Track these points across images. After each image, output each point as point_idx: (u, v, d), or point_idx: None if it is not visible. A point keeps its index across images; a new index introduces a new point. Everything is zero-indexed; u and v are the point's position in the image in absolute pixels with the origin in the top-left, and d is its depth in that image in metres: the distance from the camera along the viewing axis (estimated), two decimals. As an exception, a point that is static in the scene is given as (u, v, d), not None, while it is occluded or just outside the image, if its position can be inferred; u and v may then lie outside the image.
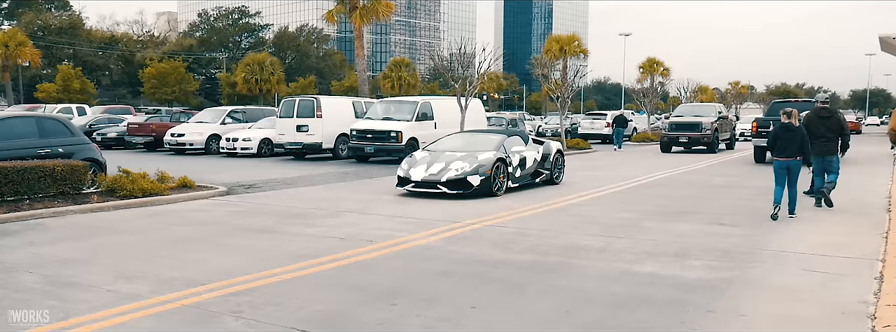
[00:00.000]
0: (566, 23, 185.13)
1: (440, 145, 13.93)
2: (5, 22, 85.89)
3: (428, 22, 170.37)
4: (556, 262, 7.19)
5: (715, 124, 25.68)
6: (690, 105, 30.84)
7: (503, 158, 12.77)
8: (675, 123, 26.24)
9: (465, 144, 13.63)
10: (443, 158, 12.74)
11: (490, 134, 14.18)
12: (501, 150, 13.05)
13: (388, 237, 8.53)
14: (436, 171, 12.41)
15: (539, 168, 14.19)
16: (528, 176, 13.73)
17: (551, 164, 14.43)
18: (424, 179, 12.34)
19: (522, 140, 14.10)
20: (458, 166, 12.33)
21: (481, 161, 12.41)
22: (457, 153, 12.93)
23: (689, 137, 25.37)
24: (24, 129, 11.97)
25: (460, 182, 12.17)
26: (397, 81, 67.74)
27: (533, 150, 14.01)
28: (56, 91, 58.21)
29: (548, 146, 14.69)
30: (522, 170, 13.42)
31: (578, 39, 48.07)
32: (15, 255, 7.40)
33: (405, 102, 22.19)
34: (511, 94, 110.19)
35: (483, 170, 12.25)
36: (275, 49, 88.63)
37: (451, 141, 14.27)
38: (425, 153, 13.34)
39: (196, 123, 25.64)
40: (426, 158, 12.96)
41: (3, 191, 10.20)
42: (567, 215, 10.51)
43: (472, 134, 14.72)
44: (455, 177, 12.17)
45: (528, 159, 13.63)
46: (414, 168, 12.71)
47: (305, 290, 6.03)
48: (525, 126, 32.44)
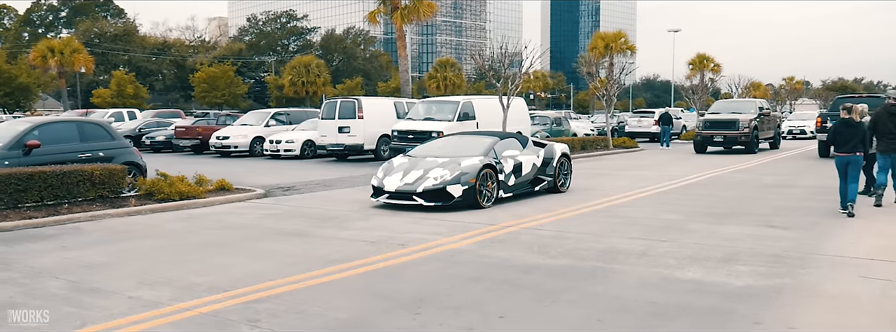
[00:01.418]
0: (614, 20, 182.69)
1: (423, 150, 12.32)
2: (64, 30, 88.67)
3: (474, 22, 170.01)
4: (593, 267, 6.84)
5: (754, 122, 23.76)
6: (728, 101, 28.64)
7: (491, 165, 11.21)
8: (709, 120, 24.35)
9: (450, 149, 11.99)
10: (422, 165, 11.21)
11: (481, 137, 12.43)
12: (490, 155, 11.51)
13: (420, 241, 8.28)
14: (412, 180, 10.87)
15: (539, 175, 12.50)
16: (525, 184, 12.16)
17: (554, 170, 12.74)
18: (398, 189, 10.81)
19: (519, 143, 12.56)
20: (437, 174, 10.77)
21: (465, 168, 10.83)
22: (438, 159, 11.35)
23: (725, 136, 23.48)
24: (65, 133, 12.10)
25: (439, 193, 10.59)
26: (442, 81, 67.64)
27: (531, 154, 12.41)
28: (111, 96, 59.71)
29: (550, 150, 12.95)
30: (517, 177, 11.85)
31: (625, 36, 47.20)
32: (45, 259, 7.38)
33: (446, 102, 21.96)
34: (558, 92, 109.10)
35: (466, 178, 10.66)
36: (322, 52, 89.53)
37: (436, 145, 12.67)
38: (404, 159, 11.84)
39: (240, 126, 25.87)
40: (404, 165, 11.46)
41: (42, 195, 10.29)
42: (608, 216, 10.11)
43: (462, 137, 12.96)
44: (433, 187, 10.60)
45: (524, 165, 12.05)
46: (389, 176, 11.22)
47: (329, 297, 5.81)
48: (570, 125, 31.87)
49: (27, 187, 10.10)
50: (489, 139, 12.09)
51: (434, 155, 11.69)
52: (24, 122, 12.13)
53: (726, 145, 23.78)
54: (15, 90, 51.97)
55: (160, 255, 7.64)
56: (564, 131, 28.70)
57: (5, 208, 9.91)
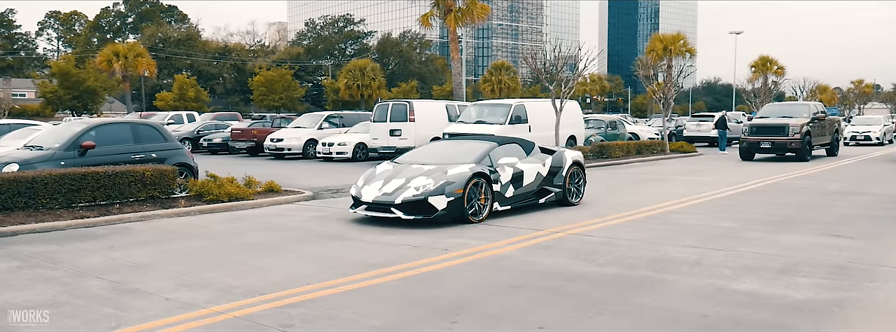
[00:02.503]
0: (674, 22, 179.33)
1: (412, 156, 11.16)
2: (131, 35, 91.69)
3: (530, 25, 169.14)
4: (642, 277, 6.53)
5: (806, 127, 21.79)
6: (779, 104, 26.44)
7: (484, 173, 9.90)
8: (756, 125, 22.44)
9: (440, 155, 10.79)
10: (405, 173, 10.04)
11: (476, 142, 11.18)
12: (484, 162, 10.25)
13: (463, 246, 8.09)
14: (391, 189, 9.68)
15: (546, 185, 11.19)
16: (528, 195, 10.89)
17: (563, 180, 11.37)
18: (376, 199, 9.64)
19: (522, 149, 11.25)
20: (419, 184, 9.54)
21: (451, 177, 9.54)
22: (424, 166, 10.14)
23: (773, 143, 21.60)
24: (119, 135, 12.34)
25: (419, 205, 9.34)
26: (497, 84, 67.32)
27: (536, 162, 11.10)
28: (173, 99, 61.33)
29: (559, 158, 11.58)
30: (517, 188, 10.56)
31: (684, 38, 46.08)
32: (91, 259, 7.45)
33: (498, 104, 21.75)
34: (615, 96, 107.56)
35: (452, 188, 9.37)
36: (378, 55, 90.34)
37: (427, 150, 11.51)
38: (389, 166, 10.64)
39: (294, 129, 26.14)
40: (387, 173, 10.30)
41: (95, 195, 10.47)
42: (661, 223, 9.73)
43: (456, 142, 11.81)
44: (413, 198, 9.36)
45: (527, 174, 10.75)
46: (368, 185, 10.08)
47: (364, 303, 5.67)
48: (625, 129, 31.28)
49: (80, 187, 10.29)
50: (485, 145, 10.86)
51: (422, 162, 10.49)
52: (80, 123, 12.41)
53: (775, 152, 22.02)
54: (83, 93, 53.81)
55: (203, 256, 7.63)
56: (620, 135, 28.12)
57: (59, 207, 10.12)
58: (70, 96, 53.49)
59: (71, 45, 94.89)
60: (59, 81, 53.79)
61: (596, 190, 13.97)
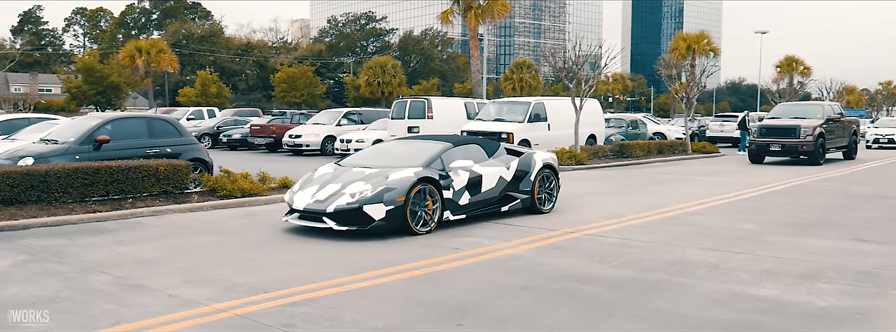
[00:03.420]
0: (698, 21, 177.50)
1: (357, 158, 10.05)
2: (155, 32, 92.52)
3: (553, 23, 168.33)
4: (658, 280, 6.32)
5: (820, 129, 20.43)
6: (791, 104, 24.87)
7: (432, 178, 8.73)
8: (766, 126, 21.14)
9: (387, 157, 9.70)
10: (344, 177, 8.91)
11: (429, 142, 10.00)
12: (435, 165, 9.07)
13: (475, 245, 7.93)
14: (324, 196, 8.55)
15: (510, 191, 10.00)
16: (489, 202, 9.70)
17: (532, 185, 10.22)
18: (307, 207, 8.56)
19: (483, 151, 10.05)
20: (355, 190, 8.41)
21: (391, 183, 8.41)
22: (366, 170, 9.03)
23: (784, 145, 20.31)
24: (135, 129, 12.31)
25: (353, 214, 8.22)
26: (518, 83, 67.00)
27: (498, 165, 9.91)
28: (196, 95, 61.75)
29: (527, 160, 10.39)
30: (474, 194, 9.35)
31: (708, 37, 45.44)
32: (98, 254, 7.39)
33: (517, 102, 21.57)
34: (638, 95, 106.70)
35: (391, 196, 8.24)
36: (400, 53, 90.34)
37: (374, 151, 10.46)
38: (329, 169, 9.53)
39: (313, 125, 26.12)
40: (325, 176, 9.19)
41: (108, 189, 10.44)
42: (679, 224, 9.49)
43: (407, 142, 10.58)
44: (346, 206, 8.24)
45: (486, 179, 9.56)
46: (303, 190, 8.98)
47: (368, 303, 5.53)
48: (647, 128, 30.90)
49: (94, 181, 10.26)
50: (438, 146, 9.64)
51: (366, 164, 9.43)
52: (95, 117, 12.41)
53: (785, 155, 20.74)
54: (107, 89, 54.36)
55: (211, 252, 7.54)
56: (641, 135, 27.78)
57: (72, 201, 10.09)
58: (94, 92, 54.08)
59: (96, 42, 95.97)
60: (83, 77, 54.40)
61: (614, 190, 13.75)
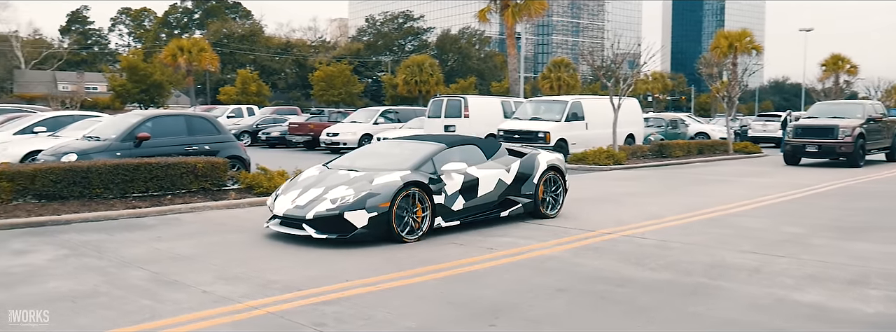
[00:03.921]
0: (740, 19, 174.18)
1: (345, 160, 9.49)
2: (197, 31, 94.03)
3: (591, 22, 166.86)
4: (696, 283, 6.17)
5: (859, 129, 19.38)
6: (830, 103, 23.59)
7: (421, 182, 8.16)
8: (802, 126, 20.10)
9: (376, 159, 9.18)
10: (328, 180, 8.38)
11: (421, 143, 9.44)
12: (425, 168, 8.51)
13: (510, 245, 7.84)
14: (304, 201, 8.02)
15: (510, 195, 9.38)
16: (487, 207, 9.06)
17: (535, 188, 9.58)
18: (287, 213, 8.02)
19: (480, 152, 9.42)
20: (337, 195, 7.88)
21: (376, 187, 7.86)
22: (351, 173, 8.48)
23: (820, 146, 19.28)
24: (174, 127, 12.50)
25: (334, 221, 7.66)
26: (556, 81, 66.50)
27: (497, 168, 9.28)
28: (236, 94, 62.56)
29: (530, 162, 9.76)
30: (469, 199, 8.75)
31: (750, 35, 44.55)
32: (136, 249, 7.48)
33: (555, 101, 21.39)
34: (678, 94, 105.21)
35: (375, 202, 7.68)
36: (437, 51, 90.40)
37: (363, 152, 9.92)
38: (315, 172, 9.04)
39: (350, 123, 26.26)
40: (309, 180, 8.68)
41: (148, 186, 10.59)
42: (720, 226, 9.27)
43: (399, 142, 10.00)
44: (326, 213, 7.68)
45: (483, 183, 8.94)
46: (285, 194, 8.50)
47: (401, 302, 5.49)
48: (687, 127, 30.40)
49: (134, 177, 10.42)
50: (430, 147, 9.05)
51: (353, 166, 8.90)
52: (136, 115, 12.60)
53: (822, 156, 19.74)
54: (150, 87, 55.36)
55: (246, 250, 7.58)
56: (681, 134, 27.36)
57: (113, 197, 10.26)
58: (138, 90, 55.10)
59: (140, 41, 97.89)
60: (127, 75, 55.46)
61: (652, 190, 13.53)
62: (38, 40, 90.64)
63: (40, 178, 9.74)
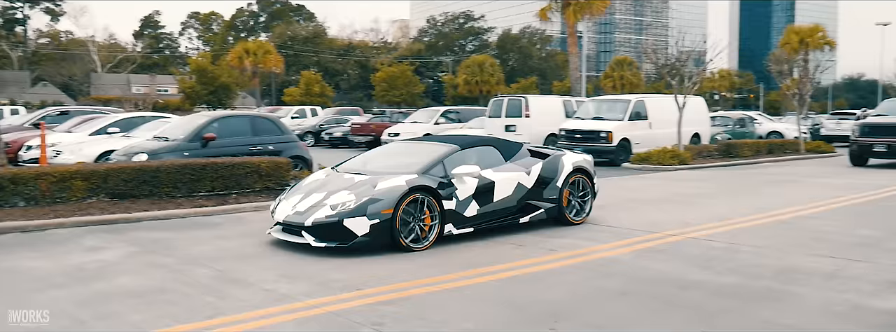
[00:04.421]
0: (811, 14, 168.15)
1: (356, 161, 9.08)
2: (263, 34, 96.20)
3: (655, 19, 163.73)
4: (766, 288, 5.94)
5: None
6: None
7: (429, 187, 7.63)
8: (869, 124, 18.86)
9: (386, 161, 8.75)
10: (332, 185, 7.97)
11: (433, 144, 8.90)
12: (434, 171, 7.95)
13: (571, 247, 7.72)
14: (305, 207, 7.60)
15: (532, 199, 8.72)
16: (505, 212, 8.46)
17: (559, 192, 8.90)
18: (287, 219, 7.65)
19: (498, 154, 8.82)
20: (338, 201, 7.43)
21: (379, 192, 7.38)
22: (356, 177, 8.01)
23: (890, 146, 18.06)
24: (239, 127, 12.79)
25: (333, 229, 7.23)
26: (618, 80, 65.54)
27: (517, 170, 8.66)
28: (300, 95, 63.74)
29: (554, 164, 9.06)
30: (484, 204, 8.15)
31: (822, 30, 42.96)
32: (203, 247, 7.65)
33: (617, 100, 21.07)
34: (745, 93, 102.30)
35: (377, 208, 7.22)
36: (498, 51, 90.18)
37: (373, 154, 9.47)
38: (321, 175, 8.64)
39: (411, 123, 26.43)
40: (313, 184, 8.24)
41: (213, 185, 10.84)
42: (791, 229, 8.94)
43: (412, 144, 9.64)
44: (325, 220, 7.27)
45: (500, 186, 8.33)
46: (287, 200, 8.07)
47: (459, 303, 5.45)
48: (762, 127, 29.51)
49: (200, 177, 10.68)
50: (441, 148, 8.48)
51: (360, 169, 8.43)
52: (203, 116, 12.94)
53: (891, 157, 18.57)
54: (218, 89, 56.88)
55: (307, 248, 7.63)
56: (749, 133, 26.56)
57: (181, 196, 10.54)
58: (206, 92, 56.68)
59: (209, 44, 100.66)
60: (196, 78, 57.13)
61: (719, 191, 13.15)
62: (113, 44, 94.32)
63: (113, 177, 10.09)
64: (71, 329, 4.87)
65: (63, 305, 5.41)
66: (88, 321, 5.01)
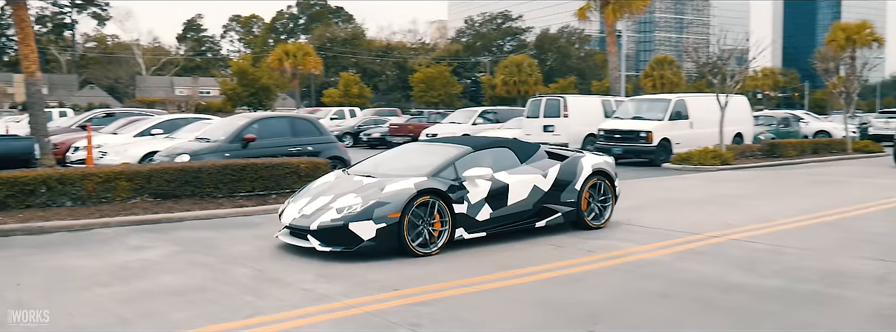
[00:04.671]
0: (858, 10, 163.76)
1: (368, 163, 8.88)
2: (302, 36, 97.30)
3: (696, 17, 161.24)
4: (812, 291, 5.79)
5: None
6: None
7: (438, 190, 7.39)
8: None
9: (397, 164, 8.50)
10: (340, 187, 7.79)
11: (446, 146, 8.62)
12: (445, 174, 7.72)
13: (610, 248, 7.63)
14: (311, 210, 7.44)
15: (548, 203, 8.41)
16: (520, 216, 8.15)
17: (577, 195, 8.61)
18: (293, 223, 7.50)
19: (514, 156, 8.56)
20: (344, 204, 7.24)
21: (386, 196, 7.17)
22: (364, 180, 7.83)
23: None
24: (279, 128, 12.93)
25: (338, 232, 7.04)
26: (659, 79, 64.64)
27: (532, 173, 8.38)
28: (339, 96, 64.31)
29: (572, 166, 8.75)
30: (497, 208, 7.89)
31: (870, 27, 41.78)
32: (243, 247, 7.75)
33: (657, 99, 20.80)
34: (790, 91, 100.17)
35: (383, 212, 7.01)
36: (536, 51, 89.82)
37: (385, 156, 9.18)
38: (331, 177, 8.48)
39: (449, 124, 26.45)
40: (322, 187, 8.07)
41: (253, 186, 10.97)
42: (838, 230, 8.71)
43: (425, 145, 9.45)
44: (331, 224, 7.08)
45: (514, 190, 8.06)
46: (294, 203, 7.92)
47: (496, 304, 5.42)
48: (808, 126, 28.84)
49: (241, 177, 10.83)
50: (453, 150, 8.24)
51: (370, 172, 8.22)
52: (243, 117, 13.12)
53: None
54: (258, 91, 57.76)
55: (345, 248, 7.70)
56: (793, 133, 25.98)
57: (222, 196, 10.69)
58: (247, 93, 57.61)
59: (250, 47, 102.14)
60: (237, 80, 58.07)
61: (762, 191, 12.88)
62: (157, 48, 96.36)
63: (156, 178, 10.29)
64: (114, 327, 4.96)
65: (107, 303, 5.52)
66: (132, 319, 5.10)
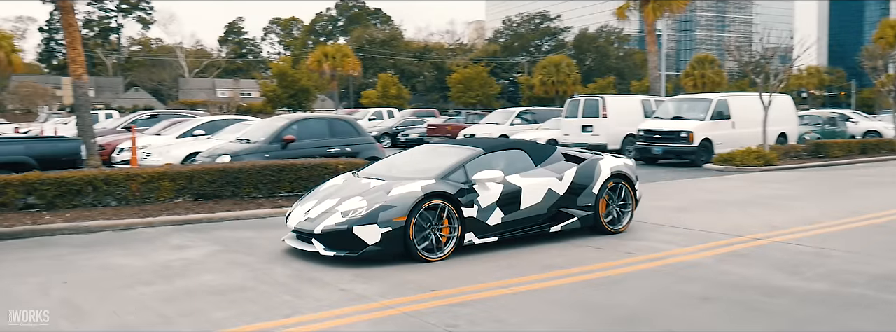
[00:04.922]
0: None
1: (379, 165, 8.77)
2: (341, 37, 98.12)
3: (739, 15, 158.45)
4: (860, 296, 5.64)
5: None
6: None
7: (447, 193, 7.17)
8: None
9: (405, 165, 8.39)
10: (347, 190, 7.63)
11: (457, 147, 8.36)
12: (455, 177, 7.50)
13: (650, 250, 7.53)
14: (316, 214, 7.31)
15: (564, 207, 8.12)
16: (534, 220, 7.89)
17: (594, 199, 8.27)
18: (298, 226, 7.37)
19: (528, 158, 8.28)
20: (349, 207, 7.08)
21: (391, 199, 6.97)
22: (372, 182, 7.68)
23: None
24: (317, 129, 13.05)
25: (342, 236, 6.87)
26: (700, 79, 63.64)
27: (548, 175, 8.09)
28: (377, 97, 64.70)
29: (589, 169, 8.41)
30: (509, 212, 7.63)
31: (921, 23, 40.64)
32: (281, 247, 7.82)
33: (699, 99, 20.45)
34: (836, 90, 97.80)
35: (389, 216, 6.83)
36: (574, 51, 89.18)
37: (396, 159, 9.03)
38: (339, 180, 8.38)
39: (486, 124, 26.42)
40: (329, 189, 7.96)
41: (293, 186, 11.09)
42: (887, 232, 8.47)
43: (436, 147, 9.16)
44: (335, 228, 6.92)
45: (527, 193, 7.79)
46: (301, 206, 7.83)
47: (534, 306, 5.39)
48: (857, 126, 28.13)
49: (280, 178, 10.95)
50: (464, 152, 7.99)
51: (378, 175, 8.08)
52: (282, 118, 13.27)
53: None
54: (298, 92, 58.36)
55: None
56: (840, 133, 25.36)
57: (261, 196, 10.84)
58: (287, 95, 58.22)
59: (289, 49, 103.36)
60: (277, 82, 58.76)
61: (808, 192, 12.59)
62: (199, 51, 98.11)
63: (198, 178, 10.47)
64: (157, 326, 5.05)
65: (150, 301, 5.63)
66: (173, 318, 5.18)
